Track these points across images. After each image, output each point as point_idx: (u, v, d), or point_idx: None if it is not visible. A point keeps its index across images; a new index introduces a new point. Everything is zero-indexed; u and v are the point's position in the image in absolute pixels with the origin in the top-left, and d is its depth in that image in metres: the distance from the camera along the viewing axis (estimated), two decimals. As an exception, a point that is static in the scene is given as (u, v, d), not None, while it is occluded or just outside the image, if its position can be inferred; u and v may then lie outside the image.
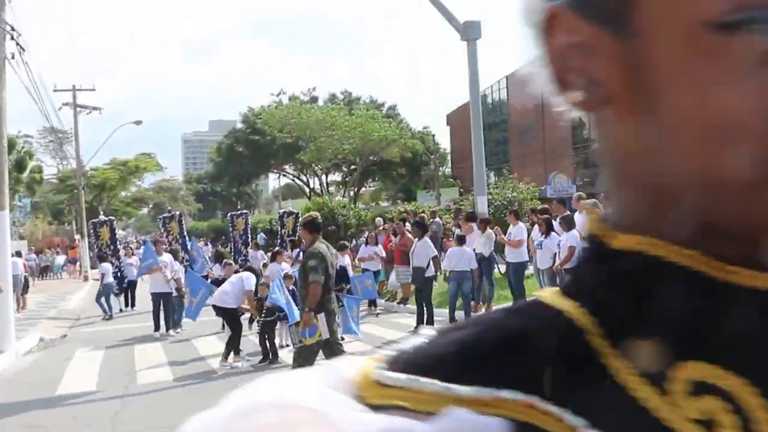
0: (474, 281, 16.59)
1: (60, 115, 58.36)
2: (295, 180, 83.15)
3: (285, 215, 25.72)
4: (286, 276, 14.16)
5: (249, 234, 26.08)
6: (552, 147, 62.10)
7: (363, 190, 74.62)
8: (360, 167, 50.99)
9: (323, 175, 71.50)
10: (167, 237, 23.12)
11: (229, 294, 13.08)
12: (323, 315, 8.89)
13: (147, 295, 25.98)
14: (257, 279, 13.81)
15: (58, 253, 53.17)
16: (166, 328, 17.27)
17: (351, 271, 19.34)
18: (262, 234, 39.44)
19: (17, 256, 23.79)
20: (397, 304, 20.38)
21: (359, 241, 27.33)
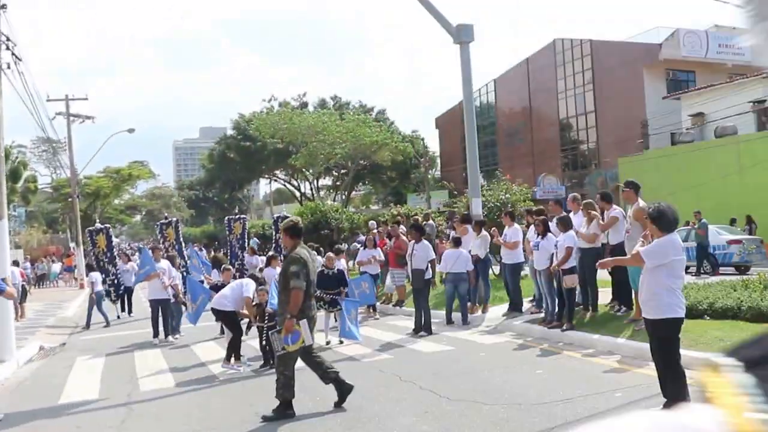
0: (470, 283, 16.74)
1: (53, 125, 58.21)
2: (286, 185, 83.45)
3: (279, 220, 25.72)
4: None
5: (246, 238, 26.14)
6: (540, 149, 62.40)
7: (353, 193, 74.79)
8: (352, 171, 51.07)
9: (314, 180, 71.70)
10: (164, 243, 23.17)
11: (228, 298, 13.21)
12: (306, 321, 8.86)
13: (139, 302, 26.52)
14: (260, 286, 13.88)
15: (53, 261, 53.37)
16: (165, 334, 17.37)
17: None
18: (255, 239, 39.52)
19: (14, 265, 23.82)
20: (393, 306, 20.53)
21: (352, 246, 27.47)
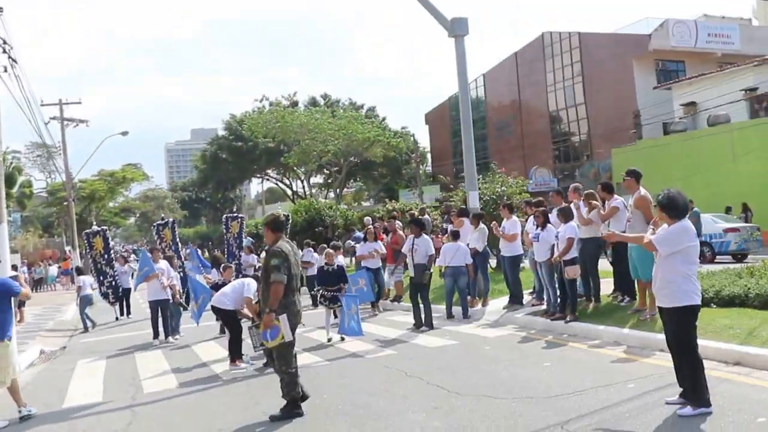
0: (469, 276, 16.68)
1: (48, 129, 58.36)
2: (278, 184, 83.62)
3: (276, 218, 25.70)
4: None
5: (243, 237, 26.09)
6: (531, 141, 62.63)
7: (345, 191, 74.88)
8: (344, 168, 50.97)
9: (306, 178, 71.83)
10: (161, 244, 23.14)
11: (228, 296, 13.14)
12: (285, 316, 8.72)
13: (137, 304, 26.45)
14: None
15: (50, 264, 53.37)
16: (165, 335, 17.32)
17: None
18: (249, 238, 39.44)
19: (14, 269, 23.73)
20: (391, 302, 20.47)
21: (347, 243, 27.39)
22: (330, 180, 73.98)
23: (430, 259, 16.14)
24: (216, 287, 14.66)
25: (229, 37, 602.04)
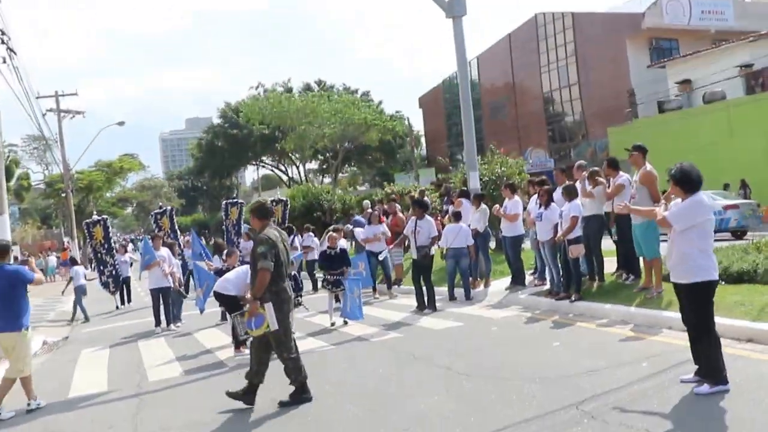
0: (471, 257, 16.59)
1: (44, 121, 58.25)
2: (274, 170, 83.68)
3: (274, 203, 25.60)
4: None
5: (242, 224, 25.99)
6: (525, 123, 62.66)
7: (340, 176, 74.95)
8: (341, 152, 50.84)
9: (301, 164, 71.87)
10: (159, 232, 23.04)
11: (231, 281, 13.00)
12: (270, 305, 8.58)
13: (137, 292, 26.39)
14: None
15: (49, 254, 53.35)
16: (166, 322, 17.26)
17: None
18: (246, 224, 39.30)
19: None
20: (383, 284, 20.29)
21: (346, 227, 27.31)
22: (325, 166, 74.00)
23: (432, 241, 16.05)
24: (219, 273, 14.56)
25: (223, 30, 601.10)
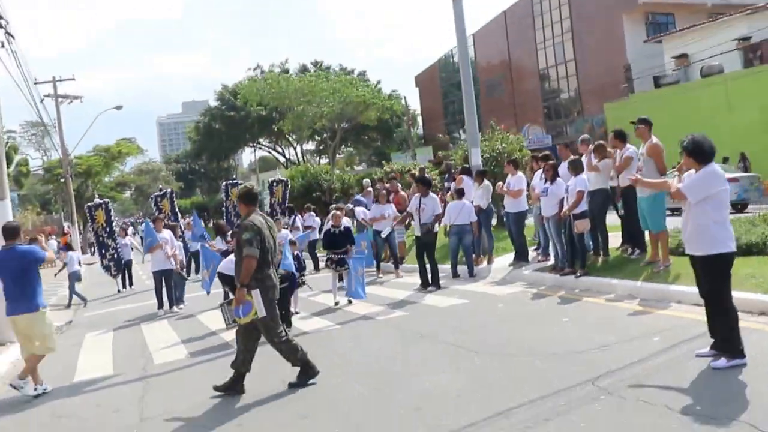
0: (474, 234, 16.51)
1: (42, 107, 58.21)
2: (271, 152, 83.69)
3: (274, 183, 25.47)
4: (290, 242, 14.13)
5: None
6: (521, 100, 62.54)
7: (337, 156, 74.97)
8: (339, 132, 50.64)
9: (299, 145, 71.86)
10: (159, 215, 22.93)
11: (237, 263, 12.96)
12: (257, 292, 8.45)
13: (138, 275, 26.32)
14: None
15: (49, 239, 53.34)
16: (169, 305, 17.20)
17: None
18: (245, 205, 39.26)
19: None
20: (390, 263, 20.21)
21: (346, 207, 27.22)
22: (322, 146, 73.95)
23: (437, 218, 15.98)
24: (224, 254, 14.49)
25: (217, 13, 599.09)
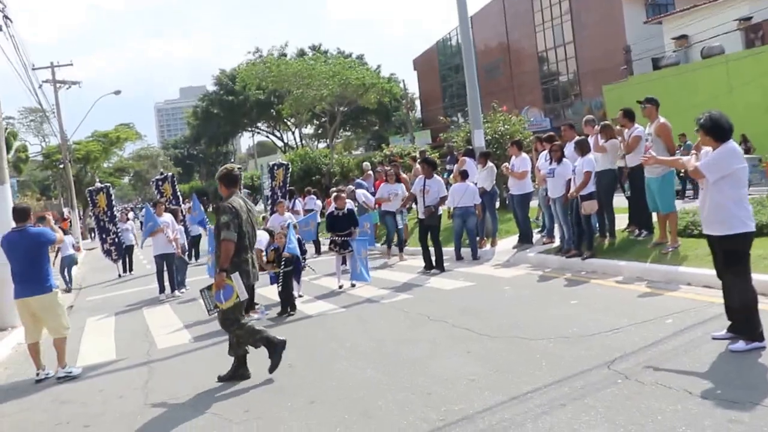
0: (478, 216, 16.38)
1: (40, 93, 57.99)
2: (269, 136, 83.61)
3: (275, 167, 25.40)
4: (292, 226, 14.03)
5: (240, 189, 25.81)
6: (520, 82, 62.36)
7: (335, 141, 75.07)
8: (339, 115, 50.40)
9: (297, 129, 71.79)
10: (161, 198, 22.85)
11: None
12: (238, 275, 8.28)
13: (139, 260, 26.22)
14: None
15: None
16: (171, 289, 17.07)
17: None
18: (246, 190, 39.24)
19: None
20: (395, 246, 20.07)
21: (347, 187, 27.13)
22: (320, 131, 73.78)
23: (441, 201, 15.85)
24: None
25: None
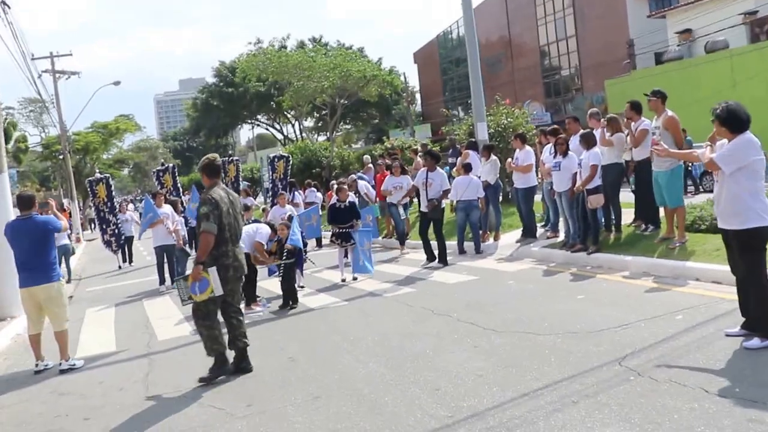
0: (481, 210, 16.22)
1: (40, 83, 57.96)
2: (269, 129, 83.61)
3: (276, 159, 25.27)
4: (290, 217, 13.94)
5: (240, 181, 25.72)
6: (521, 77, 62.22)
7: (334, 134, 75.08)
8: (339, 108, 50.21)
9: (297, 122, 71.75)
10: (161, 189, 22.74)
11: (243, 240, 12.70)
12: (215, 269, 8.11)
13: (139, 251, 26.14)
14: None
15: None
16: (171, 280, 16.91)
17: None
18: (245, 182, 39.19)
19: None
20: (397, 239, 19.95)
21: (349, 177, 27.02)
22: (320, 123, 73.69)
23: (444, 194, 15.71)
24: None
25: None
